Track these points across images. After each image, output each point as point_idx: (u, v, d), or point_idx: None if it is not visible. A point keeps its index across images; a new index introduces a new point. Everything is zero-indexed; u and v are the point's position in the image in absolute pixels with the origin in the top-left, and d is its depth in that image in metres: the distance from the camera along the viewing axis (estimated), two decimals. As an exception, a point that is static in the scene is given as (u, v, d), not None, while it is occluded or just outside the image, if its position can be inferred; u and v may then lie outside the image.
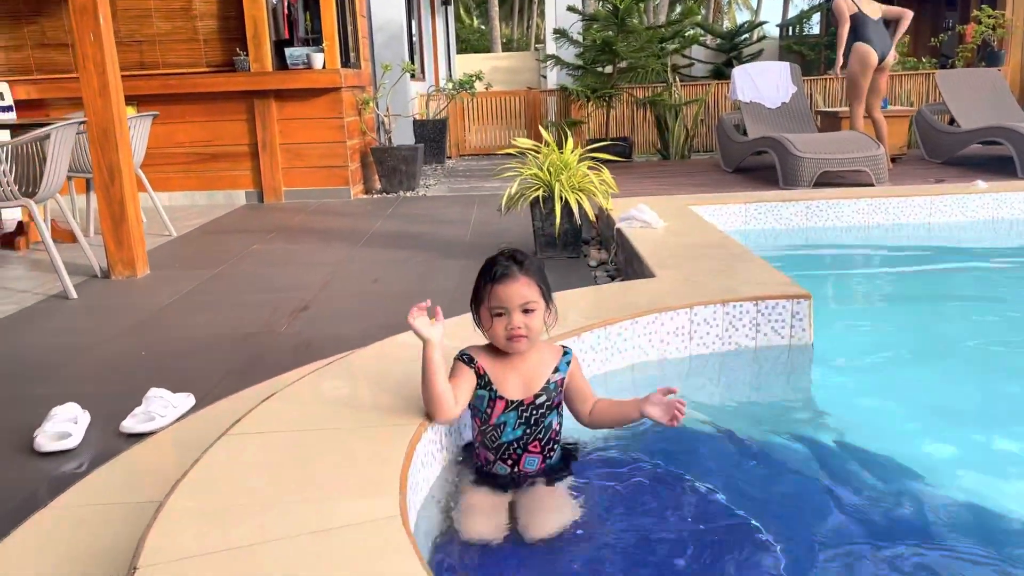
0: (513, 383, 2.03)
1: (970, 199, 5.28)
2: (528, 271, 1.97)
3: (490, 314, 1.98)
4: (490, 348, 2.06)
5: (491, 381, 2.01)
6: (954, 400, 2.72)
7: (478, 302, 2.02)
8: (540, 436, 2.04)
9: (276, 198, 7.76)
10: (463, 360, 2.04)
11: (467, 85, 10.24)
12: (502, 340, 1.98)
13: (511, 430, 2.02)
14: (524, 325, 1.95)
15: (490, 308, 1.97)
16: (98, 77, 4.49)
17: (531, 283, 1.96)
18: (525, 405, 2.02)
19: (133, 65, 7.52)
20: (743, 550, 1.82)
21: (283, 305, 4.10)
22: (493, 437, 2.03)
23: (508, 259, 1.98)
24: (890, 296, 4.17)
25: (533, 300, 1.96)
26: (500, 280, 1.95)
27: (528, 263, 1.99)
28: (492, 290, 1.95)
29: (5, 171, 4.27)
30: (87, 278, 4.76)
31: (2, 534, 1.86)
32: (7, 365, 3.36)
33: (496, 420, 2.01)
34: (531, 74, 20.99)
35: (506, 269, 1.96)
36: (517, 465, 2.03)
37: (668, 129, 9.35)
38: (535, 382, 2.04)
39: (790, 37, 18.71)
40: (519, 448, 2.02)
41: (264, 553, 1.44)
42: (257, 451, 1.87)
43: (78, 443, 2.51)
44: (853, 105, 6.94)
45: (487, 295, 1.97)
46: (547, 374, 2.05)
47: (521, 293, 1.94)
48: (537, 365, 2.05)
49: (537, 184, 4.76)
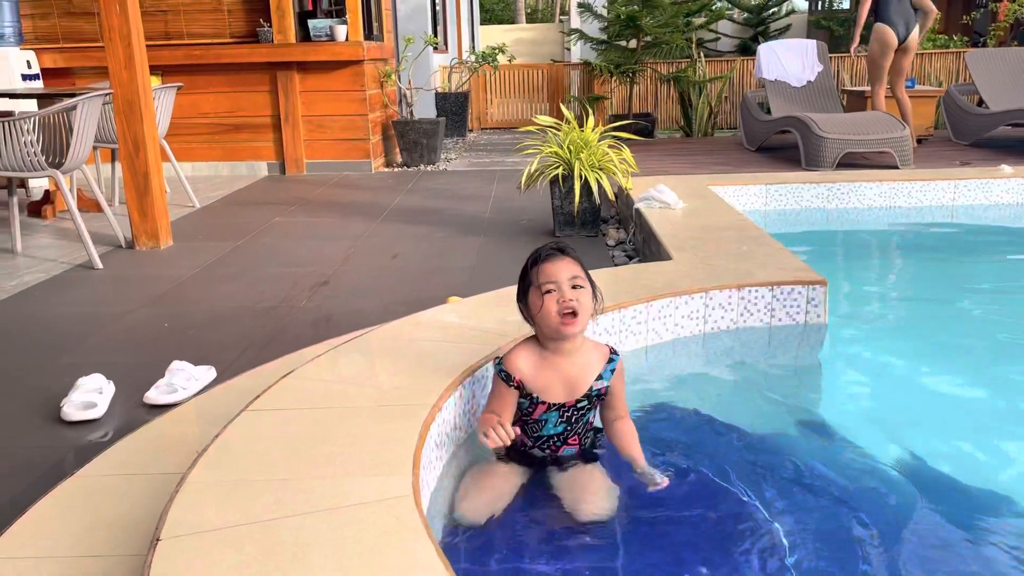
0: (556, 388, 2.00)
1: (995, 183, 5.22)
2: (570, 253, 2.00)
3: (540, 293, 1.95)
4: (533, 346, 2.03)
5: (531, 392, 2.00)
6: (972, 388, 2.73)
7: (526, 288, 2.00)
8: (580, 431, 2.07)
9: (298, 170, 7.80)
10: (502, 377, 2.00)
11: (490, 58, 10.19)
12: (555, 320, 1.93)
13: (552, 426, 2.03)
14: (575, 298, 1.93)
15: (540, 286, 1.95)
16: (124, 49, 4.53)
17: (575, 262, 1.99)
18: (567, 407, 2.02)
19: (158, 35, 7.55)
20: (746, 536, 1.85)
21: (303, 279, 4.16)
22: (533, 429, 2.04)
23: (552, 246, 2.01)
24: (909, 281, 4.16)
25: (581, 276, 1.97)
26: (547, 258, 1.97)
27: (570, 249, 2.02)
28: (541, 268, 1.96)
29: (32, 141, 4.34)
30: (111, 248, 4.83)
31: (30, 501, 1.93)
32: (35, 333, 3.45)
33: (537, 417, 2.02)
34: (555, 46, 20.82)
35: (552, 251, 1.99)
36: (556, 453, 2.06)
37: (691, 106, 9.27)
38: (579, 386, 2.01)
39: (819, 12, 18.42)
40: (559, 441, 2.05)
41: (281, 528, 1.49)
42: (275, 427, 1.92)
43: (103, 413, 2.58)
44: (873, 86, 6.86)
45: (536, 275, 1.97)
46: (591, 380, 2.02)
47: (569, 268, 1.96)
48: (583, 368, 2.02)
49: (557, 162, 4.76)
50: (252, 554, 1.41)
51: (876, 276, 4.18)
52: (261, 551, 1.42)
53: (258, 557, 1.40)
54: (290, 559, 1.39)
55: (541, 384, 1.99)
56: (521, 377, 1.98)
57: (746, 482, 2.05)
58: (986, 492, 2.06)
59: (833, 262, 4.29)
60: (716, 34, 15.27)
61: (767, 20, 15.98)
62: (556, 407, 2.00)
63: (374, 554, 1.40)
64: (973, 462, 2.24)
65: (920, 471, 2.15)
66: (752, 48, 13.64)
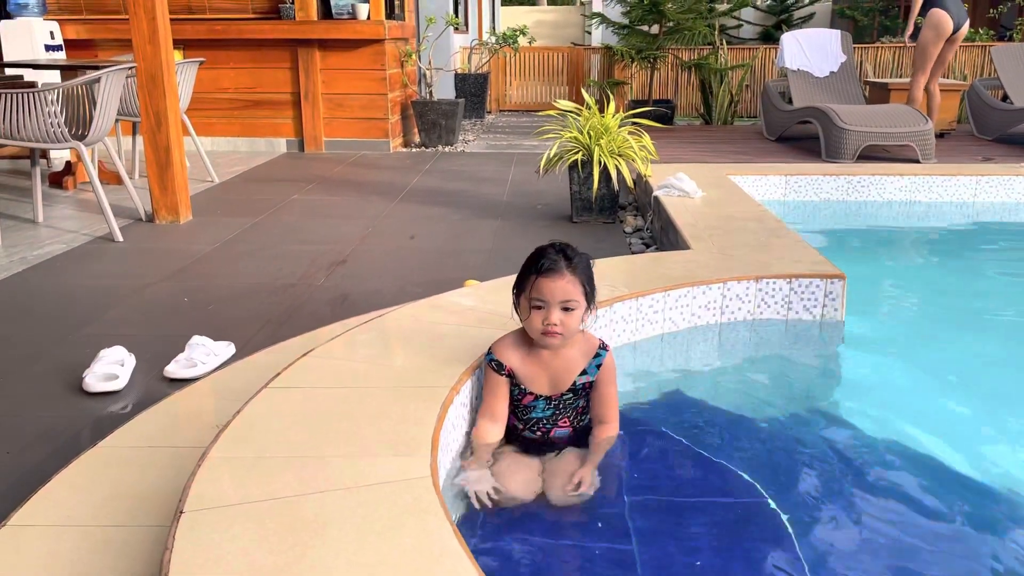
0: (541, 381, 2.06)
1: (1018, 180, 5.18)
2: (575, 269, 1.96)
3: (529, 304, 1.98)
4: (522, 337, 2.08)
5: (520, 381, 2.05)
6: (990, 387, 2.72)
7: (520, 289, 2.02)
8: (569, 415, 2.10)
9: (316, 148, 7.81)
10: (493, 367, 2.05)
11: (510, 40, 10.14)
12: (536, 333, 1.99)
13: (540, 411, 2.08)
14: (561, 322, 1.95)
15: (530, 299, 1.96)
16: (148, 23, 4.54)
17: (576, 282, 1.95)
18: (553, 398, 2.07)
19: (181, 9, 7.56)
20: (760, 526, 1.86)
21: (321, 257, 4.18)
22: (523, 412, 2.09)
23: (558, 253, 1.96)
24: (928, 278, 4.13)
25: (575, 300, 1.95)
26: (545, 273, 1.94)
27: (577, 261, 1.97)
28: (536, 282, 1.95)
29: (56, 112, 4.37)
30: (132, 221, 4.87)
31: (53, 469, 1.97)
32: (58, 304, 3.49)
33: (526, 403, 2.08)
34: (576, 29, 20.68)
35: (554, 263, 1.94)
36: (548, 435, 2.09)
37: (712, 93, 9.22)
38: (563, 382, 2.06)
39: (843, 1, 18.20)
40: (548, 424, 2.09)
41: (301, 505, 1.51)
42: (295, 405, 1.94)
43: (124, 385, 2.61)
44: (917, 75, 6.71)
45: (530, 286, 1.96)
46: (575, 375, 2.06)
47: (564, 290, 1.93)
48: (567, 363, 2.05)
49: (576, 147, 4.76)
50: (273, 529, 1.44)
51: (894, 272, 4.16)
52: (282, 526, 1.45)
53: (279, 532, 1.43)
54: (310, 535, 1.42)
55: (527, 375, 2.05)
56: (511, 366, 2.04)
57: (758, 471, 2.06)
58: (1001, 488, 2.06)
59: (851, 256, 4.28)
60: (739, 21, 15.14)
61: (791, 8, 15.82)
62: (543, 397, 2.06)
63: (393, 532, 1.43)
64: (989, 459, 2.24)
65: (934, 468, 2.16)
66: (775, 36, 13.52)
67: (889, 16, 15.77)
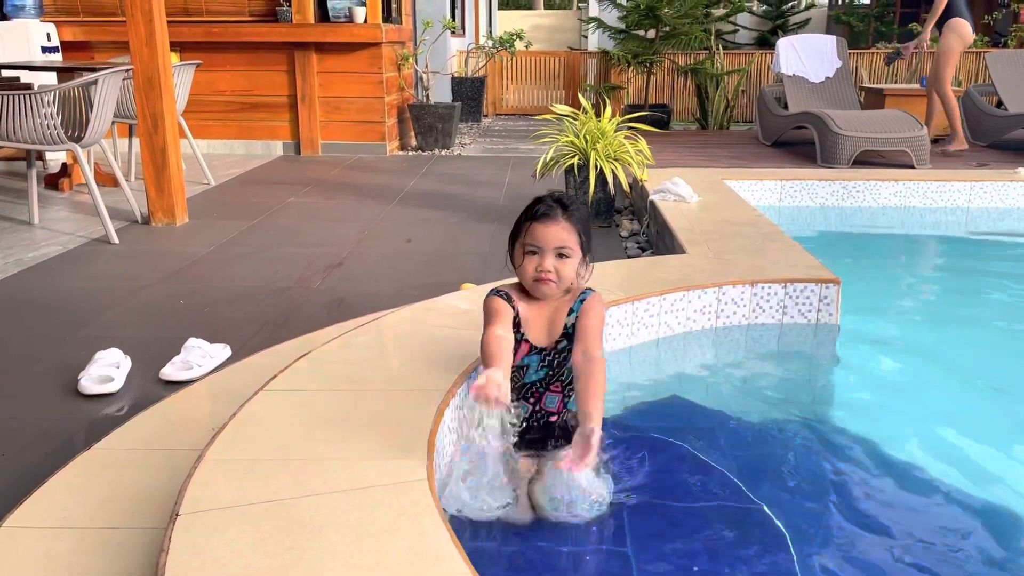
0: (538, 329, 2.02)
1: (1011, 186, 5.20)
2: (571, 217, 1.94)
3: (523, 251, 1.96)
4: (519, 288, 2.05)
5: (521, 324, 2.01)
6: (984, 392, 2.73)
7: (515, 236, 1.99)
8: (562, 378, 2.05)
9: (313, 151, 7.82)
10: (500, 296, 2.00)
11: (507, 43, 10.16)
12: (529, 280, 1.96)
13: (534, 372, 2.03)
14: (555, 269, 1.93)
15: (524, 244, 1.95)
16: (145, 26, 4.54)
17: (571, 228, 1.93)
18: (548, 351, 2.03)
19: (177, 11, 7.55)
20: (755, 531, 1.87)
21: (317, 260, 4.18)
22: (516, 378, 2.03)
23: (555, 200, 1.95)
24: (922, 284, 4.16)
25: (569, 247, 1.93)
26: (540, 219, 1.92)
27: (574, 208, 1.95)
28: (530, 227, 1.93)
29: (52, 114, 4.37)
30: (128, 223, 4.87)
31: (49, 471, 1.97)
32: (54, 306, 3.48)
33: (519, 361, 2.02)
34: (572, 33, 20.75)
35: (549, 209, 1.93)
36: (539, 403, 2.05)
37: (708, 98, 9.25)
38: (556, 328, 2.02)
39: (839, 6, 18.27)
40: (541, 388, 2.05)
41: (297, 507, 1.52)
42: (291, 408, 1.94)
43: (119, 387, 2.61)
44: (945, 83, 6.67)
45: (524, 231, 1.95)
46: (564, 318, 2.02)
47: (559, 236, 1.92)
48: (558, 309, 2.02)
49: (572, 151, 4.77)
50: (270, 531, 1.44)
51: (890, 277, 4.18)
52: (278, 529, 1.45)
53: (275, 535, 1.43)
54: (307, 538, 1.42)
55: (526, 317, 2.01)
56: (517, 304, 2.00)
57: (753, 476, 2.07)
58: (996, 492, 2.07)
59: (846, 261, 4.29)
60: (735, 26, 15.18)
61: (786, 13, 15.89)
62: (537, 350, 2.02)
63: (389, 535, 1.43)
64: (984, 463, 2.25)
65: (929, 472, 2.16)
66: (771, 41, 13.57)
67: (884, 22, 15.84)
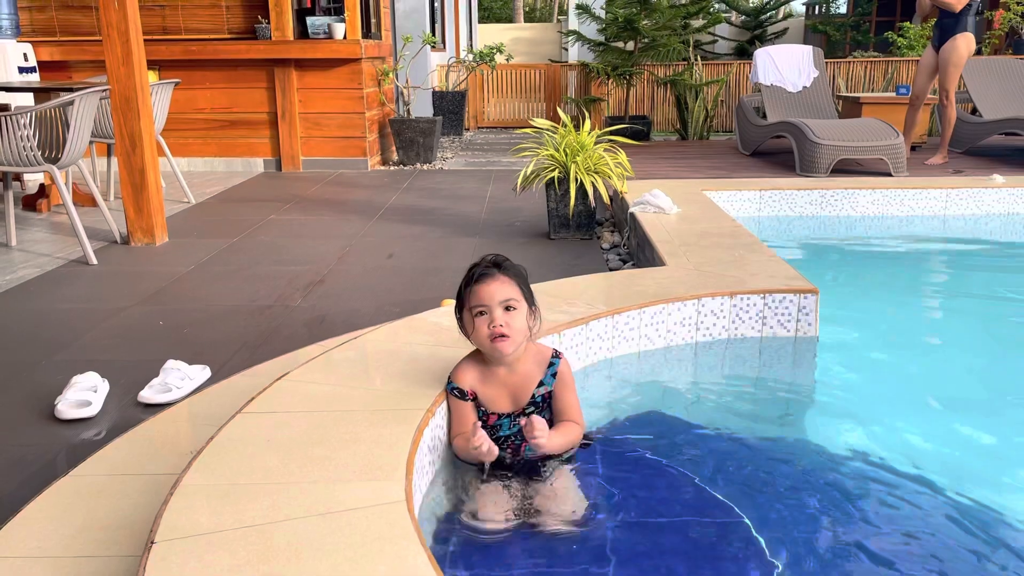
0: (502, 400, 2.09)
1: (986, 193, 5.26)
2: (507, 272, 2.01)
3: (472, 315, 2.01)
4: (477, 360, 2.11)
5: (482, 403, 2.09)
6: (962, 396, 2.75)
7: (461, 308, 2.06)
8: None
9: (294, 167, 7.80)
10: (455, 395, 2.09)
11: (487, 57, 10.20)
12: (487, 342, 2.01)
13: (507, 429, 2.10)
14: (506, 323, 1.98)
15: (471, 308, 2.01)
16: (121, 45, 4.53)
17: (510, 281, 2.00)
18: (515, 414, 2.10)
19: (155, 30, 7.55)
20: (737, 546, 1.87)
21: (298, 278, 4.17)
22: (491, 432, 2.09)
23: (489, 263, 2.02)
24: (901, 291, 4.18)
25: (514, 298, 1.99)
26: (479, 280, 1.99)
27: (508, 265, 2.03)
28: (472, 291, 2.00)
29: (29, 136, 4.34)
30: (107, 243, 4.83)
31: (24, 499, 1.95)
32: (30, 330, 3.45)
33: (492, 423, 2.10)
34: (552, 46, 20.85)
35: (485, 270, 2.00)
36: (518, 452, 2.09)
37: (687, 109, 9.31)
38: (523, 396, 2.10)
39: (816, 16, 18.48)
40: (517, 439, 2.10)
41: (274, 533, 1.50)
42: (270, 430, 1.93)
43: (97, 411, 2.59)
44: (951, 92, 6.64)
45: (468, 297, 2.01)
46: (532, 388, 2.09)
47: (501, 291, 1.98)
48: (524, 378, 2.09)
49: (553, 165, 4.78)
50: (246, 558, 1.43)
51: (868, 285, 4.21)
52: (255, 555, 1.44)
53: (252, 561, 1.42)
54: (284, 563, 1.41)
55: (488, 396, 2.09)
56: (472, 390, 2.08)
57: (734, 490, 2.07)
58: (978, 500, 2.08)
59: (825, 270, 4.32)
60: (714, 36, 15.32)
61: (764, 23, 16.04)
62: (506, 415, 2.09)
63: (367, 559, 1.42)
64: (966, 471, 2.26)
65: (910, 482, 2.17)
66: (749, 51, 13.69)
67: (861, 31, 16.03)
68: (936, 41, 6.62)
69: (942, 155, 6.58)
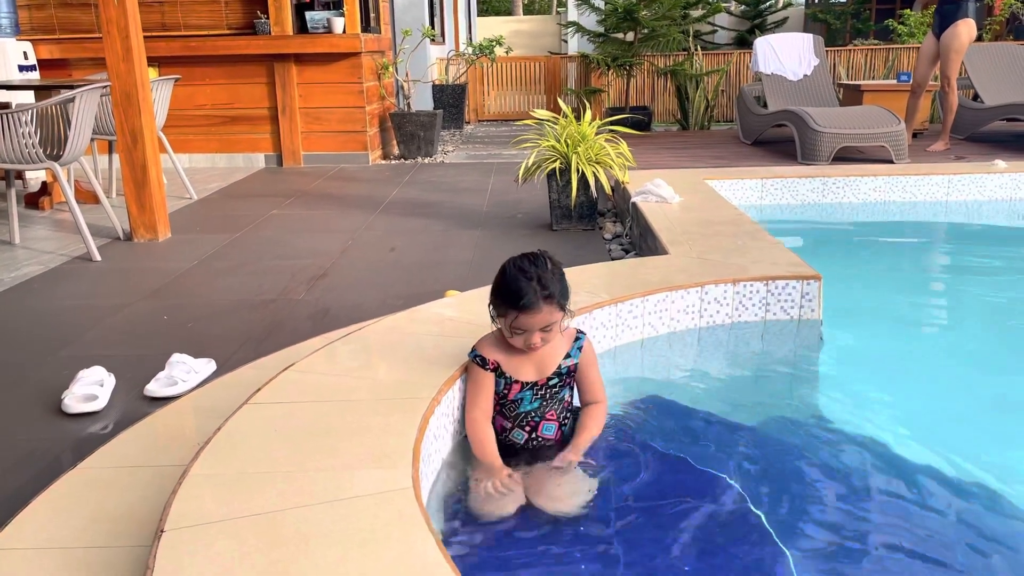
0: (527, 368, 2.13)
1: (988, 178, 5.25)
2: (551, 298, 1.99)
3: (509, 328, 2.04)
4: (502, 338, 2.13)
5: (505, 371, 2.11)
6: (966, 382, 2.75)
7: (498, 311, 2.07)
8: (556, 407, 2.15)
9: (295, 162, 7.81)
10: (477, 362, 2.12)
11: (487, 50, 10.18)
12: (518, 344, 2.07)
13: (528, 403, 2.12)
14: (542, 340, 2.04)
15: (510, 323, 2.03)
16: (121, 42, 4.53)
17: (553, 309, 2.01)
18: (539, 385, 2.13)
19: (155, 26, 7.54)
20: (743, 530, 1.88)
21: (301, 272, 4.18)
22: (511, 409, 2.12)
23: (535, 286, 1.97)
24: (903, 277, 4.18)
25: (553, 323, 2.03)
26: (525, 310, 1.99)
27: (552, 287, 2.00)
28: (517, 316, 2.00)
29: (30, 133, 4.34)
30: (109, 240, 4.84)
31: (33, 492, 1.96)
32: (36, 326, 3.46)
33: (513, 397, 2.12)
34: (552, 38, 20.80)
35: (531, 303, 1.97)
36: (536, 431, 2.12)
37: (688, 99, 9.29)
38: (547, 366, 2.13)
39: (816, 5, 18.40)
40: (537, 417, 2.13)
41: (282, 520, 1.51)
42: (276, 421, 1.94)
43: (104, 405, 2.60)
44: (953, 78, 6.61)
45: (511, 318, 2.02)
46: (559, 359, 2.14)
47: (544, 320, 2.01)
48: (550, 351, 2.13)
49: (554, 156, 4.78)
50: (255, 545, 1.44)
51: (870, 271, 4.21)
52: (264, 543, 1.45)
53: (261, 548, 1.43)
54: (292, 551, 1.42)
55: (512, 366, 2.12)
56: (495, 360, 2.11)
57: (739, 475, 2.08)
58: (983, 486, 2.08)
59: (828, 257, 4.32)
60: (713, 26, 15.27)
61: (764, 13, 15.98)
62: (529, 385, 2.12)
63: (375, 545, 1.43)
64: (969, 456, 2.26)
65: (914, 466, 2.18)
66: (749, 41, 13.64)
67: (861, 19, 15.96)
68: (937, 28, 6.60)
69: (944, 142, 6.56)
